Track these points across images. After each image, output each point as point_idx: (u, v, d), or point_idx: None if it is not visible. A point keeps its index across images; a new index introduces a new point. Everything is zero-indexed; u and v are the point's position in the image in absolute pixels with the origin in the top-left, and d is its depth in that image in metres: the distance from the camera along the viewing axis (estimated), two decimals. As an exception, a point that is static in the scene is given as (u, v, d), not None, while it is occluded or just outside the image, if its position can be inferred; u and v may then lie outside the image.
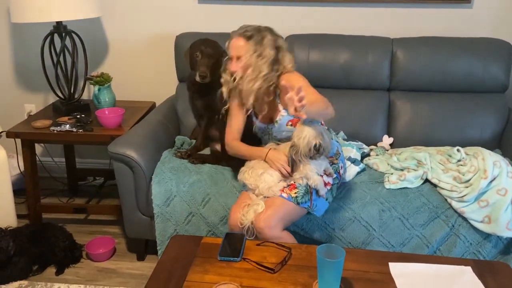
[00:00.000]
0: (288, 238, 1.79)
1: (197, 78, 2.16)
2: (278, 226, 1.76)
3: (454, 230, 1.92)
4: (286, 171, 1.82)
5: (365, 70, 2.41)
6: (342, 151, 2.03)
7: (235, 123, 1.99)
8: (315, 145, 1.74)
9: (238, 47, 1.85)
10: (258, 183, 1.82)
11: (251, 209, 1.77)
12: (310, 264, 1.49)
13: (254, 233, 1.75)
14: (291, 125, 1.94)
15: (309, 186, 1.81)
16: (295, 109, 1.58)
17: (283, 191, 1.80)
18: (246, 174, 1.86)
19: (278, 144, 1.94)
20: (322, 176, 1.84)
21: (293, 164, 1.81)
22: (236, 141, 1.98)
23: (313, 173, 1.79)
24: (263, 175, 1.82)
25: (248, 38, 1.85)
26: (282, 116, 1.94)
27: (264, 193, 1.81)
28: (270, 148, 1.89)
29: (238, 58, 1.86)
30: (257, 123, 2.02)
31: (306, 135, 1.74)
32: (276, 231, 1.75)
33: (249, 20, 2.61)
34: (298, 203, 1.78)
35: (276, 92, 1.95)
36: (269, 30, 1.91)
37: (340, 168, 1.95)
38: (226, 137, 2.01)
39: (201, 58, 2.18)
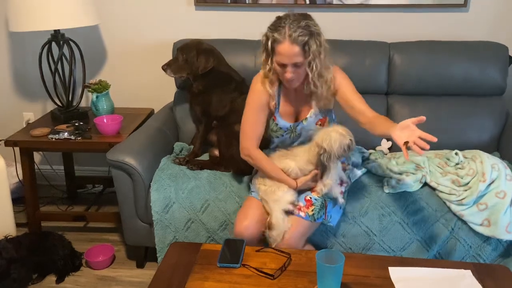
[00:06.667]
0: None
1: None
2: (300, 244, 1.80)
3: (454, 234, 1.92)
4: (316, 176, 1.81)
5: (363, 74, 2.41)
6: (351, 157, 2.05)
7: (256, 128, 1.83)
8: (348, 145, 1.74)
9: (294, 55, 1.64)
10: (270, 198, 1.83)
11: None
12: (309, 270, 1.49)
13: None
14: (320, 124, 1.87)
15: (324, 200, 1.82)
16: (405, 143, 1.47)
17: (300, 209, 1.80)
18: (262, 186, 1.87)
19: (288, 150, 1.90)
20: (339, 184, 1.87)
21: (323, 170, 1.78)
22: (259, 153, 1.85)
23: (335, 184, 1.82)
24: (277, 192, 1.82)
25: (305, 44, 1.63)
26: (314, 114, 1.84)
27: (271, 206, 1.80)
28: (296, 179, 1.83)
29: (295, 65, 1.67)
30: (281, 122, 1.87)
31: (336, 138, 1.73)
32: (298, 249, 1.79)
33: (245, 27, 2.64)
34: (314, 220, 1.79)
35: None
36: (313, 20, 1.70)
37: (350, 173, 1.99)
38: (244, 144, 1.85)
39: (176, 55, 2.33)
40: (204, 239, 2.05)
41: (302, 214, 1.79)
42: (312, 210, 1.79)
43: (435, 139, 1.44)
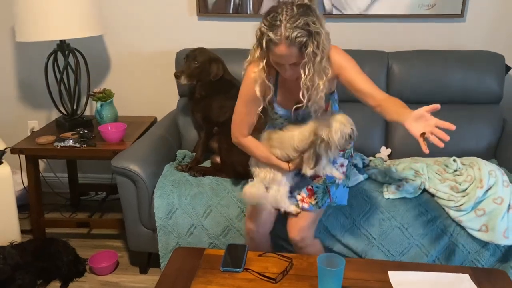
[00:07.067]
0: (318, 244, 1.90)
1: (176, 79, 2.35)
2: (311, 234, 1.85)
3: (452, 239, 1.95)
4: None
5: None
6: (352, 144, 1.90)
7: (247, 119, 1.76)
8: (349, 134, 1.63)
9: (291, 56, 1.51)
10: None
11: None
12: (311, 274, 1.52)
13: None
14: (324, 110, 1.74)
15: (326, 186, 1.80)
16: (422, 134, 1.36)
17: (303, 200, 1.81)
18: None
19: (276, 132, 1.81)
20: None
21: (318, 160, 1.67)
22: (249, 140, 1.81)
23: (328, 165, 1.74)
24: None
25: (303, 45, 1.48)
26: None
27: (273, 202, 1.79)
28: (289, 162, 1.77)
29: (293, 63, 1.55)
30: (281, 111, 1.77)
31: (337, 128, 1.62)
32: (310, 239, 1.85)
33: (247, 36, 2.68)
34: (319, 207, 1.81)
35: None
36: (313, 14, 1.50)
37: (351, 152, 1.88)
38: (234, 131, 1.82)
39: (185, 61, 2.35)
40: (206, 244, 2.08)
41: (305, 205, 1.80)
42: (315, 199, 1.79)
43: (453, 127, 1.34)
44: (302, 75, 1.55)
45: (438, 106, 1.40)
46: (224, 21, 2.72)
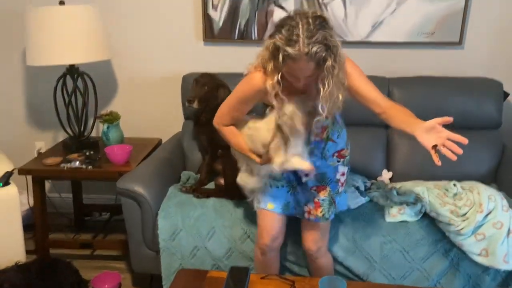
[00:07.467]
0: (330, 257, 1.97)
1: (186, 103, 2.37)
2: (325, 244, 1.92)
3: (453, 263, 1.96)
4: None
5: (363, 108, 2.48)
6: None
7: (235, 114, 1.79)
8: (309, 110, 1.62)
9: (308, 70, 1.49)
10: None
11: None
12: (313, 297, 1.54)
13: None
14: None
15: (332, 197, 1.82)
16: (434, 147, 1.38)
17: (310, 213, 1.84)
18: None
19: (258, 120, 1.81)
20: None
21: (287, 143, 1.67)
22: (229, 128, 1.84)
23: (302, 161, 1.70)
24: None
25: (321, 60, 1.46)
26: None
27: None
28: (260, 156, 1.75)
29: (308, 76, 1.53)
30: None
31: (294, 109, 1.59)
32: (324, 249, 1.92)
33: (251, 62, 2.75)
34: (326, 219, 1.84)
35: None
36: (329, 27, 1.48)
37: (349, 159, 1.88)
38: (217, 118, 1.86)
39: (194, 86, 2.39)
40: (209, 266, 2.09)
41: (312, 218, 1.83)
42: (321, 212, 1.82)
43: (466, 141, 1.37)
44: (321, 88, 1.53)
45: (450, 119, 1.40)
46: (229, 46, 2.79)
